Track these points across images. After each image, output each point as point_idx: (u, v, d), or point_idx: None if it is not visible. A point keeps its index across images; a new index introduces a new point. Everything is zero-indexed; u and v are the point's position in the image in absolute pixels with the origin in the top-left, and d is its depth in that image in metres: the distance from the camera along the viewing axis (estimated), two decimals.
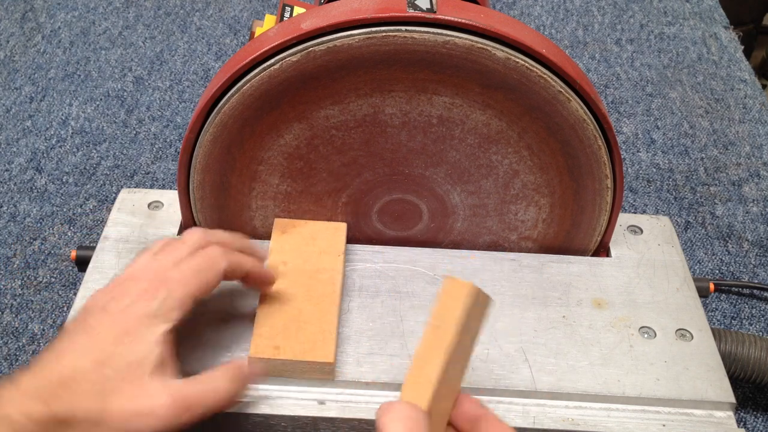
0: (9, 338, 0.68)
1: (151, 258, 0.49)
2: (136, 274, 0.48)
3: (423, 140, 0.57)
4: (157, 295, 0.46)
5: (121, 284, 0.48)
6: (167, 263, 0.48)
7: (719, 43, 1.11)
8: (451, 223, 0.62)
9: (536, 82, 0.53)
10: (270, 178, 0.59)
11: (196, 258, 0.48)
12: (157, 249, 0.50)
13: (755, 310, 0.74)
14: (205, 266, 0.48)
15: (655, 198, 0.86)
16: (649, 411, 0.51)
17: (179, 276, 0.47)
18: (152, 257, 0.49)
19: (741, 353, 0.58)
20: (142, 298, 0.46)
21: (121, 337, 0.44)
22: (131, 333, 0.44)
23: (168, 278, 0.47)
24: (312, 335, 0.52)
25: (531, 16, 1.16)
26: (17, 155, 0.87)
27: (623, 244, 0.63)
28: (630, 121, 0.96)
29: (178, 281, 0.47)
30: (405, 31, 0.51)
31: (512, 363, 0.53)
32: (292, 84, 0.53)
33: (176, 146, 0.90)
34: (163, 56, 1.04)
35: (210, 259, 0.48)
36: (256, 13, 1.14)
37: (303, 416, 0.50)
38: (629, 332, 0.55)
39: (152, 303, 0.45)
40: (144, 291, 0.46)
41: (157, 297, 0.46)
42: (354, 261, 0.60)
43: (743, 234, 0.82)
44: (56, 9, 1.13)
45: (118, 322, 0.45)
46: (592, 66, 1.06)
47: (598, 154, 0.56)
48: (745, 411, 0.65)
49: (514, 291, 0.58)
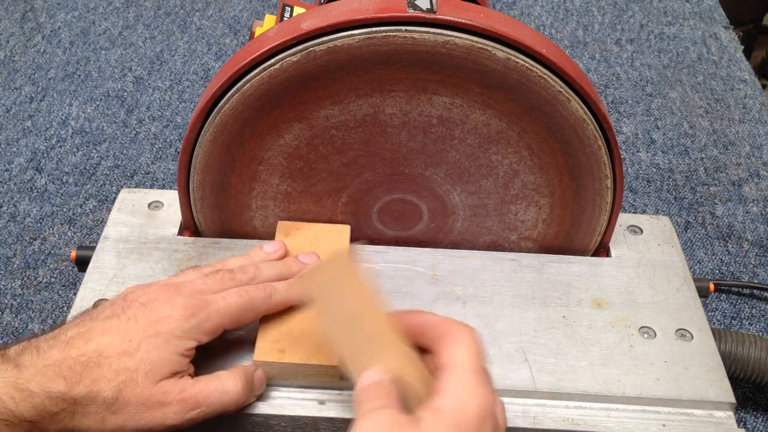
0: (9, 338, 0.68)
1: (201, 279, 0.51)
2: (183, 286, 0.50)
3: (423, 140, 0.57)
4: (196, 315, 0.47)
5: (166, 289, 0.49)
6: (213, 287, 0.50)
7: (719, 43, 1.11)
8: (451, 223, 0.62)
9: (536, 82, 0.53)
10: (270, 178, 0.59)
11: (242, 296, 0.50)
12: (206, 273, 0.52)
13: (755, 310, 0.74)
14: (246, 307, 0.50)
15: (655, 198, 0.86)
16: (649, 411, 0.51)
17: (221, 306, 0.49)
18: (202, 279, 0.51)
19: (741, 353, 0.58)
20: (181, 312, 0.47)
21: (150, 338, 0.46)
22: (160, 337, 0.46)
23: (210, 303, 0.48)
24: (316, 339, 0.52)
25: (531, 16, 1.16)
26: (17, 155, 0.87)
27: (623, 244, 0.63)
28: (630, 121, 0.96)
29: (217, 311, 0.48)
30: (405, 31, 0.51)
31: (512, 363, 0.53)
32: (292, 84, 0.53)
33: (176, 146, 0.90)
34: (163, 56, 1.04)
35: (253, 303, 0.50)
36: (256, 13, 1.14)
37: (303, 416, 0.50)
38: (629, 332, 0.55)
39: (190, 321, 0.47)
40: (185, 306, 0.48)
41: (196, 317, 0.47)
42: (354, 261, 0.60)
43: (743, 234, 0.82)
44: (56, 9, 1.13)
45: (153, 324, 0.46)
46: (592, 66, 1.06)
47: (598, 154, 0.56)
48: (745, 411, 0.65)
49: (514, 291, 0.58)
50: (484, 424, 0.41)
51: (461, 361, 0.43)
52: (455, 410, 0.41)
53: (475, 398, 0.41)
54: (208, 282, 0.51)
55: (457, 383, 0.42)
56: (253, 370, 0.50)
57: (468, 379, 0.42)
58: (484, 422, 0.41)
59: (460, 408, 0.41)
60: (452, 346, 0.44)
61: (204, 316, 0.48)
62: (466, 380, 0.42)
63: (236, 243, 0.61)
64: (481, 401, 0.41)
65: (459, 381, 0.42)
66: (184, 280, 0.51)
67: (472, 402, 0.41)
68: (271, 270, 0.54)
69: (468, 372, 0.42)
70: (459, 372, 0.42)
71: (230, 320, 0.49)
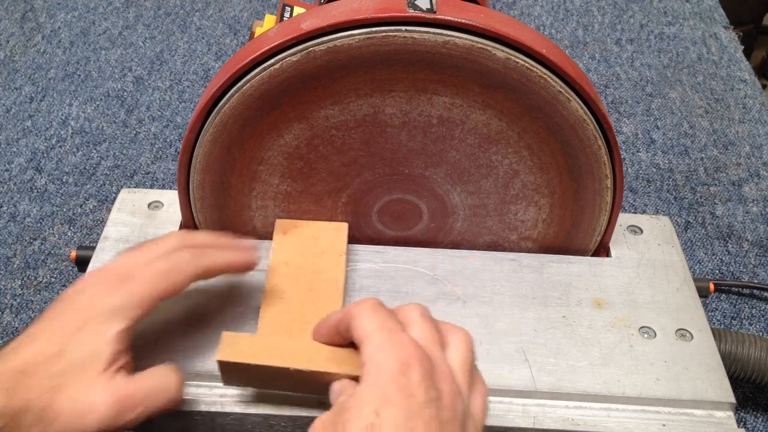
0: (9, 338, 0.68)
1: (127, 255, 0.49)
2: (107, 267, 0.48)
3: (423, 140, 0.57)
4: (118, 291, 0.45)
5: (91, 276, 0.47)
6: (139, 262, 0.48)
7: (719, 43, 1.11)
8: (451, 223, 0.62)
9: (536, 82, 0.53)
10: (270, 178, 0.59)
11: (166, 260, 0.48)
12: (135, 248, 0.50)
13: (755, 310, 0.74)
14: (173, 269, 0.47)
15: (655, 198, 0.86)
16: (649, 411, 0.51)
17: (146, 275, 0.46)
18: (125, 255, 0.49)
19: (741, 353, 0.58)
20: (105, 292, 0.45)
21: (78, 331, 0.44)
22: (88, 326, 0.44)
23: (134, 275, 0.46)
24: None
25: (531, 16, 1.16)
26: (17, 155, 0.87)
27: (623, 244, 0.63)
28: (630, 121, 0.96)
29: (143, 280, 0.46)
30: (405, 31, 0.51)
31: (512, 363, 0.53)
32: (292, 84, 0.53)
33: (176, 146, 0.90)
34: (163, 56, 1.04)
35: (179, 264, 0.48)
36: (256, 13, 1.14)
37: (303, 416, 0.50)
38: (629, 332, 0.55)
39: (114, 298, 0.45)
40: (107, 286, 0.45)
41: (120, 292, 0.45)
42: (354, 261, 0.60)
43: (743, 234, 0.82)
44: (56, 9, 1.13)
45: (79, 314, 0.44)
46: (592, 66, 1.06)
47: (598, 154, 0.56)
48: (745, 411, 0.65)
49: (514, 291, 0.58)
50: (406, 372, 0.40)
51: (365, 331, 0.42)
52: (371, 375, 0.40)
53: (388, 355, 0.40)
54: (132, 255, 0.48)
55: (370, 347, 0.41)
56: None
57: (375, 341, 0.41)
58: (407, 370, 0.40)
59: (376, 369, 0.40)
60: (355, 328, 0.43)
61: (126, 290, 0.45)
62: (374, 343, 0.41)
63: None
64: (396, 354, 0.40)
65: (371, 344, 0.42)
66: (112, 263, 0.48)
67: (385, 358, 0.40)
68: (204, 236, 0.51)
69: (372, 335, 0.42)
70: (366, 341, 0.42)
71: (159, 288, 0.46)
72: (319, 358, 0.47)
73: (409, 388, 0.39)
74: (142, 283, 0.46)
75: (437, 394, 0.40)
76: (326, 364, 0.46)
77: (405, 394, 0.39)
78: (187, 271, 0.48)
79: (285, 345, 0.48)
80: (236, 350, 0.47)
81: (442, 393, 0.40)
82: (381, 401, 0.38)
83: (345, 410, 0.40)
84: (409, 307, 0.45)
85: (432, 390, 0.39)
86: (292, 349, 0.48)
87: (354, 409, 0.39)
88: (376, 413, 0.38)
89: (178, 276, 0.47)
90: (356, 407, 0.39)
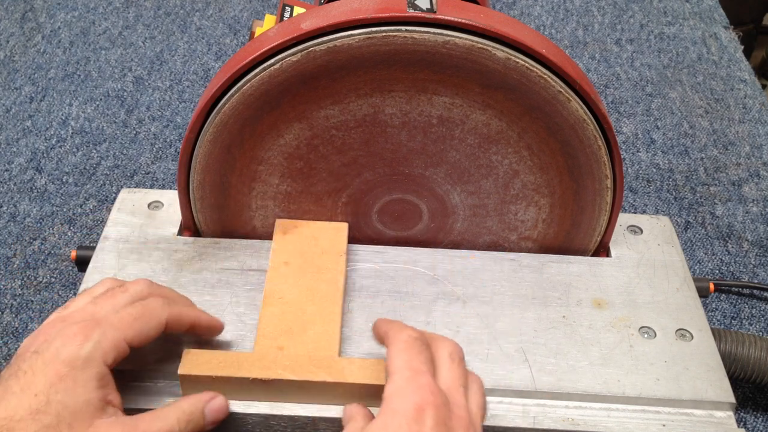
0: (9, 338, 0.68)
1: (90, 302, 0.47)
2: (70, 315, 0.46)
3: (423, 140, 0.57)
4: (91, 337, 0.44)
5: (53, 326, 0.45)
6: (106, 308, 0.47)
7: (719, 43, 1.11)
8: (451, 223, 0.62)
9: (536, 82, 0.53)
10: (270, 178, 0.59)
11: (136, 306, 0.47)
12: (97, 294, 0.48)
13: (755, 310, 0.74)
14: (144, 315, 0.46)
15: (655, 198, 0.86)
16: (649, 411, 0.51)
17: (116, 320, 0.45)
18: (91, 301, 0.47)
19: (741, 353, 0.58)
20: (74, 339, 0.43)
21: (55, 384, 0.42)
22: (66, 378, 0.42)
23: (103, 321, 0.45)
24: (315, 336, 0.52)
25: (531, 16, 1.16)
26: (17, 155, 0.87)
27: (623, 244, 0.63)
28: (630, 121, 0.96)
29: (113, 325, 0.45)
30: (405, 31, 0.51)
31: (512, 363, 0.53)
32: (292, 84, 0.53)
33: (176, 146, 0.90)
34: (163, 56, 1.04)
35: (150, 310, 0.47)
36: (256, 13, 1.14)
37: (303, 416, 0.50)
38: (629, 332, 0.55)
39: (86, 345, 0.43)
40: (77, 333, 0.44)
41: (91, 338, 0.44)
42: (354, 261, 0.60)
43: (743, 234, 0.82)
44: (56, 9, 1.13)
45: (50, 367, 0.42)
46: (592, 66, 1.06)
47: (598, 154, 0.56)
48: (745, 411, 0.65)
49: (514, 291, 0.58)
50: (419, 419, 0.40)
51: (393, 366, 0.44)
52: (387, 415, 0.41)
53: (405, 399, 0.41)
54: (99, 302, 0.47)
55: (390, 387, 0.43)
56: (206, 401, 0.47)
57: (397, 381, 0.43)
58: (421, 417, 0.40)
59: (392, 412, 0.41)
60: (388, 358, 0.45)
61: (98, 336, 0.44)
62: (395, 384, 0.42)
63: (236, 243, 0.61)
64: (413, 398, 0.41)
65: (391, 385, 0.43)
66: (73, 309, 0.47)
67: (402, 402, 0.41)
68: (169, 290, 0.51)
69: (396, 373, 0.43)
70: (390, 378, 0.43)
71: (132, 333, 0.45)
72: (276, 367, 0.48)
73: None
74: (111, 328, 0.45)
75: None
76: (284, 373, 0.48)
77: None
78: (158, 318, 0.47)
79: (242, 357, 0.49)
80: (196, 364, 0.48)
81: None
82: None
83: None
84: (443, 345, 0.46)
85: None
86: (249, 361, 0.49)
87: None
88: None
89: (149, 322, 0.46)
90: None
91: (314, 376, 0.48)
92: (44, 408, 0.41)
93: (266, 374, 0.48)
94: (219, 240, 0.61)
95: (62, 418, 0.41)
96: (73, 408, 0.41)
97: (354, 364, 0.49)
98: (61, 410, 0.41)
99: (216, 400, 0.47)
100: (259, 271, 0.59)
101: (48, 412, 0.41)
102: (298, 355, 0.50)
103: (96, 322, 0.45)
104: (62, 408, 0.41)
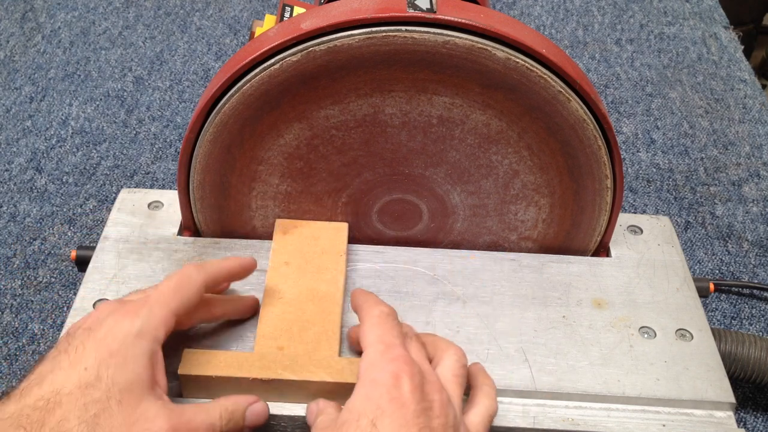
0: (9, 338, 0.68)
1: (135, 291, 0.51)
2: (119, 300, 0.49)
3: (423, 140, 0.57)
4: (140, 314, 0.45)
5: (104, 308, 0.47)
6: (149, 291, 0.49)
7: (719, 43, 1.11)
8: (451, 223, 0.62)
9: (536, 82, 0.53)
10: (270, 178, 0.59)
11: (172, 278, 0.49)
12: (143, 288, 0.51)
13: (755, 310, 0.74)
14: (182, 284, 0.48)
15: (655, 198, 0.86)
16: (649, 411, 0.51)
17: (159, 295, 0.47)
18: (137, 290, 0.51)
19: (741, 353, 0.58)
20: (125, 317, 0.45)
21: (106, 359, 0.43)
22: (116, 354, 0.43)
23: (148, 298, 0.47)
24: (315, 335, 0.52)
25: (531, 16, 1.16)
26: (17, 155, 0.87)
27: (623, 244, 0.63)
28: (630, 121, 0.96)
29: (158, 300, 0.47)
30: (405, 31, 0.51)
31: (512, 363, 0.53)
32: (292, 84, 0.53)
33: (176, 146, 0.90)
34: (163, 56, 1.04)
35: (186, 277, 0.49)
36: (256, 13, 1.14)
37: (303, 416, 0.50)
38: (629, 332, 0.55)
39: (136, 321, 0.45)
40: (128, 311, 0.45)
41: (141, 315, 0.45)
42: (354, 261, 0.60)
43: (743, 234, 0.82)
44: (56, 9, 1.13)
45: (102, 343, 0.43)
46: (592, 66, 1.06)
47: (598, 154, 0.56)
48: (745, 411, 0.65)
49: (514, 291, 0.58)
50: (398, 385, 0.42)
51: (366, 341, 0.46)
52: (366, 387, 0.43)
53: (381, 370, 0.43)
54: (144, 290, 0.50)
55: (364, 362, 0.45)
56: (248, 403, 0.48)
57: (370, 355, 0.45)
58: (399, 383, 0.42)
59: (371, 383, 0.43)
60: (361, 334, 0.47)
61: (147, 312, 0.45)
62: (369, 357, 0.45)
63: (236, 243, 0.61)
64: (389, 368, 0.43)
65: (365, 360, 0.45)
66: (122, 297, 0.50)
67: (378, 372, 0.43)
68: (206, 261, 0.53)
69: (369, 348, 0.45)
70: (364, 353, 0.45)
71: (174, 304, 0.47)
72: (277, 367, 0.49)
73: (401, 399, 0.42)
74: (156, 304, 0.46)
75: (428, 404, 0.42)
76: (284, 373, 0.49)
77: (398, 405, 0.41)
78: (195, 281, 0.49)
79: (242, 357, 0.50)
80: (196, 364, 0.49)
81: (433, 403, 0.43)
82: (376, 412, 0.41)
83: (342, 423, 0.42)
84: (408, 326, 0.50)
85: (423, 400, 0.42)
86: (249, 361, 0.49)
87: (351, 421, 0.41)
88: (373, 424, 0.41)
89: (187, 289, 0.48)
90: (353, 419, 0.41)
91: (314, 376, 0.48)
92: (94, 382, 0.42)
93: (266, 374, 0.48)
94: (219, 240, 0.61)
95: (112, 394, 0.42)
96: (123, 384, 0.42)
97: (354, 364, 0.49)
98: (111, 386, 0.42)
99: (258, 404, 0.48)
100: (259, 271, 0.58)
101: (98, 386, 0.42)
102: (298, 355, 0.50)
103: (140, 304, 0.46)
104: (112, 384, 0.42)
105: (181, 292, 0.48)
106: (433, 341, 0.49)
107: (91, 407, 0.41)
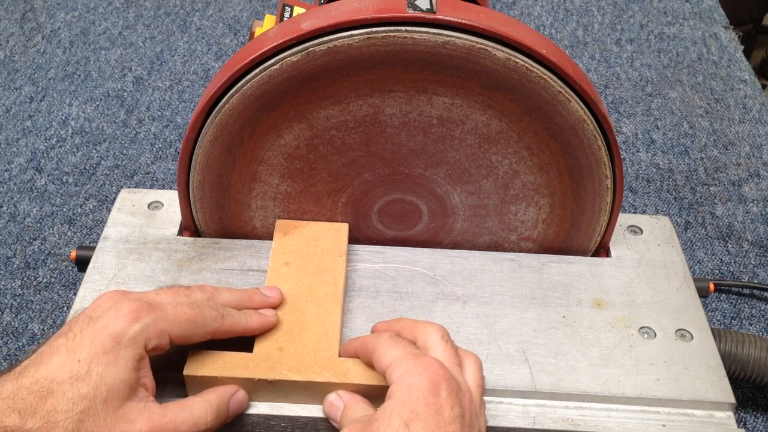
0: (9, 338, 0.68)
1: (154, 290, 0.49)
2: (131, 293, 0.48)
3: (423, 140, 0.57)
4: (141, 319, 0.45)
5: (112, 297, 0.47)
6: (166, 299, 0.48)
7: (719, 43, 1.11)
8: (451, 223, 0.62)
9: (536, 82, 0.53)
10: (270, 178, 0.59)
11: (193, 308, 0.48)
12: (163, 287, 0.50)
13: (755, 310, 0.74)
14: (197, 320, 0.48)
15: (655, 198, 0.86)
16: (649, 411, 0.51)
17: (170, 312, 0.47)
18: (155, 290, 0.49)
19: (741, 353, 0.58)
20: (126, 317, 0.45)
21: (99, 355, 0.43)
22: (109, 352, 0.43)
23: (158, 308, 0.46)
24: (316, 336, 0.52)
25: (531, 16, 1.16)
26: (17, 155, 0.87)
27: (623, 244, 0.63)
28: (630, 121, 0.96)
29: (166, 316, 0.46)
30: (405, 31, 0.51)
31: (512, 363, 0.53)
32: (292, 84, 0.53)
33: (176, 146, 0.90)
34: (163, 56, 1.04)
35: (204, 317, 0.48)
36: (256, 13, 1.14)
37: (303, 416, 0.50)
38: (629, 332, 0.55)
39: (134, 325, 0.45)
40: (130, 311, 0.45)
41: (141, 320, 0.45)
42: (354, 261, 0.60)
43: (743, 234, 0.82)
44: (56, 9, 1.13)
45: (98, 337, 0.44)
46: (592, 66, 1.06)
47: (598, 155, 0.56)
48: (745, 411, 0.65)
49: (514, 291, 0.58)
50: (435, 391, 0.43)
51: (389, 360, 0.45)
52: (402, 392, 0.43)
53: (418, 375, 0.43)
54: (161, 293, 0.49)
55: (398, 371, 0.44)
56: (231, 393, 0.48)
57: (404, 365, 0.44)
58: (436, 389, 0.43)
59: (407, 388, 0.43)
60: (378, 361, 0.46)
61: (150, 320, 0.45)
62: (403, 367, 0.44)
63: (236, 243, 0.61)
64: (426, 374, 0.43)
65: (399, 369, 0.44)
66: (140, 292, 0.49)
67: (416, 379, 0.43)
68: (230, 295, 0.52)
69: (398, 361, 0.45)
70: (393, 367, 0.45)
71: (178, 330, 0.47)
72: (282, 367, 0.49)
73: (437, 405, 0.42)
74: (163, 319, 0.46)
75: (461, 411, 0.43)
76: (290, 373, 0.49)
77: (433, 411, 0.42)
78: (207, 328, 0.48)
79: (248, 357, 0.50)
80: (201, 365, 0.49)
81: (465, 410, 0.43)
82: (410, 415, 0.41)
83: (374, 420, 0.42)
84: (429, 329, 0.49)
85: (457, 407, 0.43)
86: (254, 361, 0.49)
87: (384, 420, 0.42)
88: (406, 425, 0.41)
89: (197, 329, 0.48)
90: (386, 418, 0.42)
91: (319, 377, 0.48)
92: (84, 376, 0.42)
93: (272, 375, 0.48)
94: (219, 240, 0.61)
95: (99, 392, 0.42)
96: (110, 384, 0.43)
97: (359, 365, 0.49)
98: (99, 383, 0.42)
99: (240, 392, 0.49)
100: (259, 271, 0.59)
101: (87, 381, 0.42)
102: (303, 356, 0.50)
103: (151, 307, 0.46)
104: (100, 381, 0.43)
105: (189, 326, 0.47)
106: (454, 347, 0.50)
107: (79, 403, 0.42)
